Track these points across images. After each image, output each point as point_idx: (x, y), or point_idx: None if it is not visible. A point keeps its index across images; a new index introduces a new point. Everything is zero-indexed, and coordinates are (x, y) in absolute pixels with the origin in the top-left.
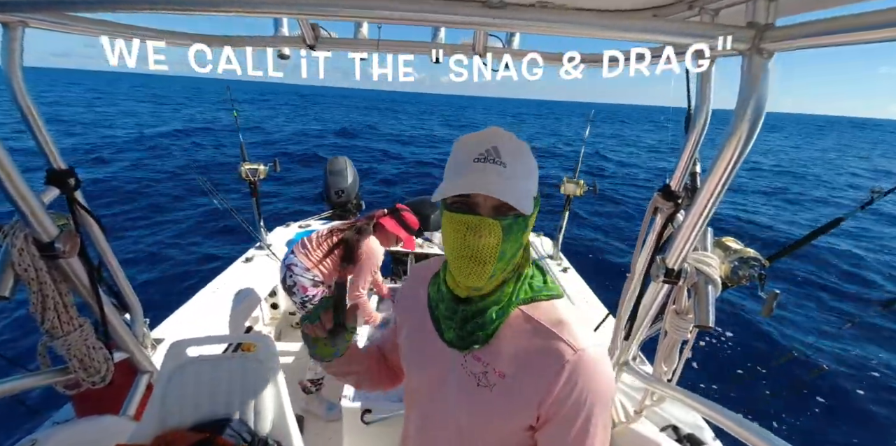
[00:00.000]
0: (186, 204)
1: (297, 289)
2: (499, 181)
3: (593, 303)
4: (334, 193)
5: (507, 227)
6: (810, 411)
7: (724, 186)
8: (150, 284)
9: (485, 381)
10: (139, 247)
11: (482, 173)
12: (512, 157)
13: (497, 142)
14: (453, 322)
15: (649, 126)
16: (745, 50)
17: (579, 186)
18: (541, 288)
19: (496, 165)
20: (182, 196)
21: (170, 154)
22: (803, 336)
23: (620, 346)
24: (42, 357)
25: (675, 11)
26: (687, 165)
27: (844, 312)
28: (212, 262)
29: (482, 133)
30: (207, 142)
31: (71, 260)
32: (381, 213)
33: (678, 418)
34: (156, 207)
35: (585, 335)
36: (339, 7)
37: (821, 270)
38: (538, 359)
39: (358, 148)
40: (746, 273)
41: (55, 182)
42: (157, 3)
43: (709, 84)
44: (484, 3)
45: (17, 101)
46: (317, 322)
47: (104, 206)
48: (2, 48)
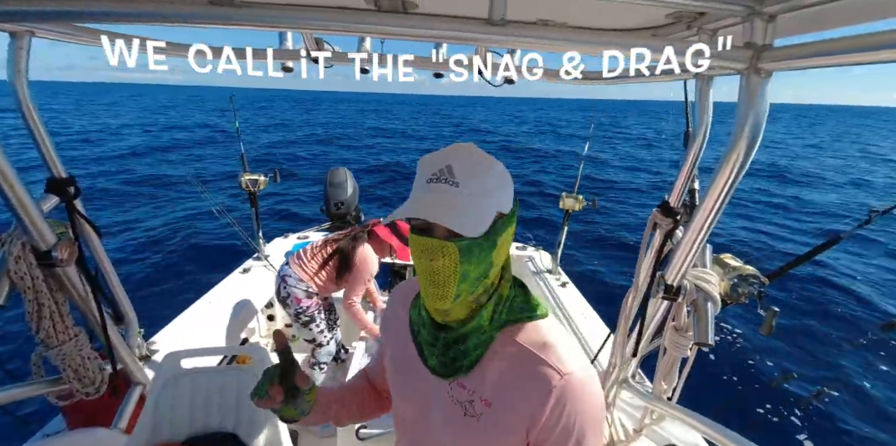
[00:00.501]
0: (184, 213)
1: (291, 300)
2: (448, 203)
3: (593, 319)
4: (334, 205)
5: (466, 248)
6: (810, 432)
7: (722, 203)
8: (146, 294)
9: (471, 411)
10: (135, 256)
11: (432, 195)
12: (467, 176)
13: (452, 161)
14: (436, 348)
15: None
16: (743, 69)
17: (578, 201)
18: (523, 308)
19: (448, 185)
20: (181, 204)
21: (168, 162)
22: (803, 356)
23: (619, 364)
24: (36, 367)
25: (674, 31)
26: (686, 181)
27: (844, 333)
28: (209, 273)
29: (442, 151)
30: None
31: (68, 268)
32: (375, 222)
33: (678, 437)
34: (153, 215)
35: (572, 357)
36: (343, 22)
37: (819, 289)
38: (524, 385)
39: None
40: (746, 290)
41: (55, 190)
42: (163, 16)
43: (707, 102)
44: (486, 21)
45: (21, 109)
46: (266, 397)
47: (100, 214)
48: (9, 56)
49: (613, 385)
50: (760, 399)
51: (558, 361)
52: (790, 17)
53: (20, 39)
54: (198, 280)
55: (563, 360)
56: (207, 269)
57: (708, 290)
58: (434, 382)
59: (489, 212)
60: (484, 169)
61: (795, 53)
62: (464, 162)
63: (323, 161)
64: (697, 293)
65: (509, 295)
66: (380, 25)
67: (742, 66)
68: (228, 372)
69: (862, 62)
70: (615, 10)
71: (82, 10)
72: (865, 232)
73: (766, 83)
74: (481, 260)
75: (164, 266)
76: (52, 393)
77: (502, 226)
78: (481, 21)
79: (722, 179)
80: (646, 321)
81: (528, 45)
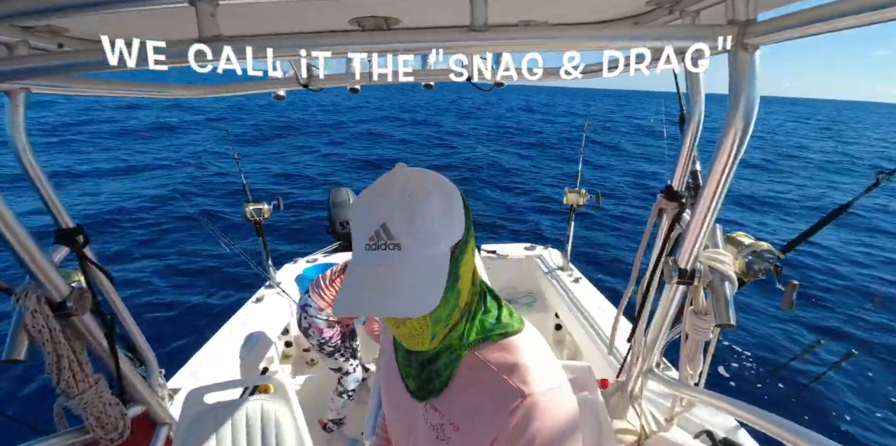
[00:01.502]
0: (190, 246)
1: (313, 331)
2: (395, 282)
3: (609, 312)
4: (339, 225)
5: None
6: (842, 402)
7: (727, 181)
8: (163, 333)
9: (442, 435)
10: (147, 298)
11: (375, 274)
12: (406, 230)
13: (386, 218)
14: (412, 369)
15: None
16: (730, 47)
17: (581, 196)
18: (493, 325)
19: (390, 251)
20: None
21: (167, 188)
22: (827, 323)
23: (642, 354)
24: (59, 417)
25: (656, 17)
26: (686, 164)
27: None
28: (222, 305)
29: (373, 196)
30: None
31: (84, 317)
32: None
33: (711, 422)
34: (159, 255)
35: (540, 377)
36: (329, 46)
37: (834, 257)
38: (488, 408)
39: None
40: (762, 266)
41: (64, 240)
42: (155, 61)
43: (698, 84)
44: (469, 28)
45: (22, 165)
46: None
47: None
48: (6, 114)
49: (638, 376)
50: (789, 374)
51: (523, 382)
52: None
53: (15, 97)
54: (211, 308)
55: (529, 381)
56: (220, 297)
57: (723, 270)
58: (414, 404)
59: (442, 258)
60: (424, 210)
61: (779, 25)
62: (400, 211)
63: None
64: (713, 274)
65: (477, 311)
66: (365, 45)
67: (728, 44)
68: (252, 402)
69: (848, 26)
70: (596, 2)
71: (73, 62)
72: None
73: (755, 57)
74: (449, 298)
75: (176, 296)
76: (78, 443)
77: (460, 253)
78: (464, 28)
79: (723, 156)
80: (663, 308)
81: (514, 47)
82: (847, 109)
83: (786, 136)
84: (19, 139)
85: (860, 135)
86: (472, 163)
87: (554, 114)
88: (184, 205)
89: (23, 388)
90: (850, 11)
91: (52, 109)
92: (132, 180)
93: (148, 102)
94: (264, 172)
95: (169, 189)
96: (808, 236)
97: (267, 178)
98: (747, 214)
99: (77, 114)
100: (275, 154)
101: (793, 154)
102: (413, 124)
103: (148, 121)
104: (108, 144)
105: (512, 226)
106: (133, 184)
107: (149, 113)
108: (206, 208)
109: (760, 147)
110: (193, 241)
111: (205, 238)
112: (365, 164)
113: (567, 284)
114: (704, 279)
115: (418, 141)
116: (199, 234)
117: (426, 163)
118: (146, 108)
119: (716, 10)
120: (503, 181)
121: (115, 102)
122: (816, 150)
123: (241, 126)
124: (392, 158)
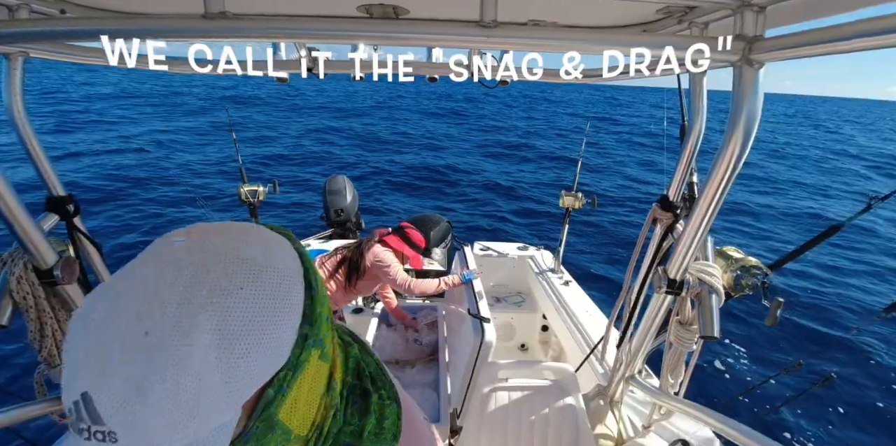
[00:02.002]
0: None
1: None
2: None
3: (597, 316)
4: (333, 212)
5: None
6: (821, 420)
7: (722, 195)
8: None
9: None
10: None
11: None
12: (133, 403)
13: (94, 390)
14: None
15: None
16: (736, 61)
17: (578, 199)
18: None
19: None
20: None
21: (160, 167)
22: (809, 344)
23: (625, 360)
24: (39, 385)
25: (665, 26)
26: (684, 175)
27: (849, 319)
28: None
29: (81, 335)
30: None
31: (69, 286)
32: (384, 232)
33: (687, 432)
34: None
35: None
36: (336, 31)
37: (822, 276)
38: None
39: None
40: (749, 282)
41: (54, 208)
42: (156, 31)
43: (701, 94)
44: (478, 24)
45: (17, 130)
46: None
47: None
48: (4, 78)
49: (620, 381)
50: (768, 389)
51: None
52: (780, 8)
53: (14, 61)
54: None
55: None
56: None
57: (711, 283)
58: None
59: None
60: (197, 355)
61: (787, 43)
62: (111, 393)
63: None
64: (701, 286)
65: (332, 428)
66: (372, 33)
67: (734, 58)
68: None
69: (853, 49)
70: (606, 7)
71: (75, 29)
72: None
73: (759, 74)
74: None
75: None
76: (56, 412)
77: (289, 375)
78: (472, 24)
79: (720, 170)
80: (650, 317)
81: (519, 46)
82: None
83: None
84: (16, 104)
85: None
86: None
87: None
88: (180, 184)
89: (5, 356)
90: (861, 34)
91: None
92: (122, 158)
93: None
94: (268, 155)
95: (156, 170)
96: (797, 255)
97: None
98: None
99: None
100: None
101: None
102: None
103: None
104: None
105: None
106: (124, 161)
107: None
108: (201, 189)
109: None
110: (190, 221)
111: (198, 217)
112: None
113: (557, 286)
114: (692, 290)
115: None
116: (193, 214)
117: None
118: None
119: (725, 24)
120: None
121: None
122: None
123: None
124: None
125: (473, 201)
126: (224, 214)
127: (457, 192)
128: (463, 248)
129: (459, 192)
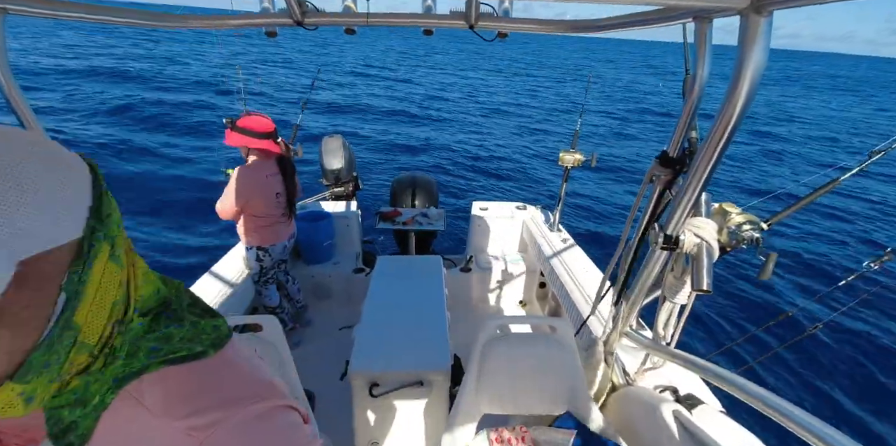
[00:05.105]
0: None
1: None
2: None
3: (594, 273)
4: (330, 172)
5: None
6: (806, 370)
7: (722, 150)
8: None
9: None
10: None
11: None
12: None
13: None
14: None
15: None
16: (743, 9)
17: (576, 157)
18: (156, 349)
19: None
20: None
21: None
22: (798, 296)
23: (620, 313)
24: None
25: None
26: (684, 129)
27: (839, 271)
28: (212, 248)
29: None
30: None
31: None
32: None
33: (678, 382)
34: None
35: (217, 405)
36: None
37: (814, 230)
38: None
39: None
40: (744, 237)
41: None
42: None
43: (706, 45)
44: None
45: (2, 90)
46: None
47: None
48: None
49: (613, 332)
50: (757, 340)
51: (197, 415)
52: None
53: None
54: (202, 252)
55: (205, 412)
56: (211, 244)
57: (706, 238)
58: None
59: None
60: None
61: None
62: None
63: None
64: (696, 241)
65: (123, 344)
66: None
67: (742, 5)
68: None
69: None
70: None
71: None
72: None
73: (768, 22)
74: (52, 344)
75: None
76: None
77: (84, 265)
78: None
79: (722, 124)
80: (645, 272)
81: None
82: None
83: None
84: (1, 62)
85: None
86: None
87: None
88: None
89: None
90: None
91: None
92: (122, 118)
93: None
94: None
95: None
96: (793, 210)
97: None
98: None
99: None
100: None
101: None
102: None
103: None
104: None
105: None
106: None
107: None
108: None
109: None
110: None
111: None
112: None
113: (555, 244)
114: (688, 246)
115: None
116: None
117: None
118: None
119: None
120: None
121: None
122: None
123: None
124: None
125: (474, 159)
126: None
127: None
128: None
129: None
